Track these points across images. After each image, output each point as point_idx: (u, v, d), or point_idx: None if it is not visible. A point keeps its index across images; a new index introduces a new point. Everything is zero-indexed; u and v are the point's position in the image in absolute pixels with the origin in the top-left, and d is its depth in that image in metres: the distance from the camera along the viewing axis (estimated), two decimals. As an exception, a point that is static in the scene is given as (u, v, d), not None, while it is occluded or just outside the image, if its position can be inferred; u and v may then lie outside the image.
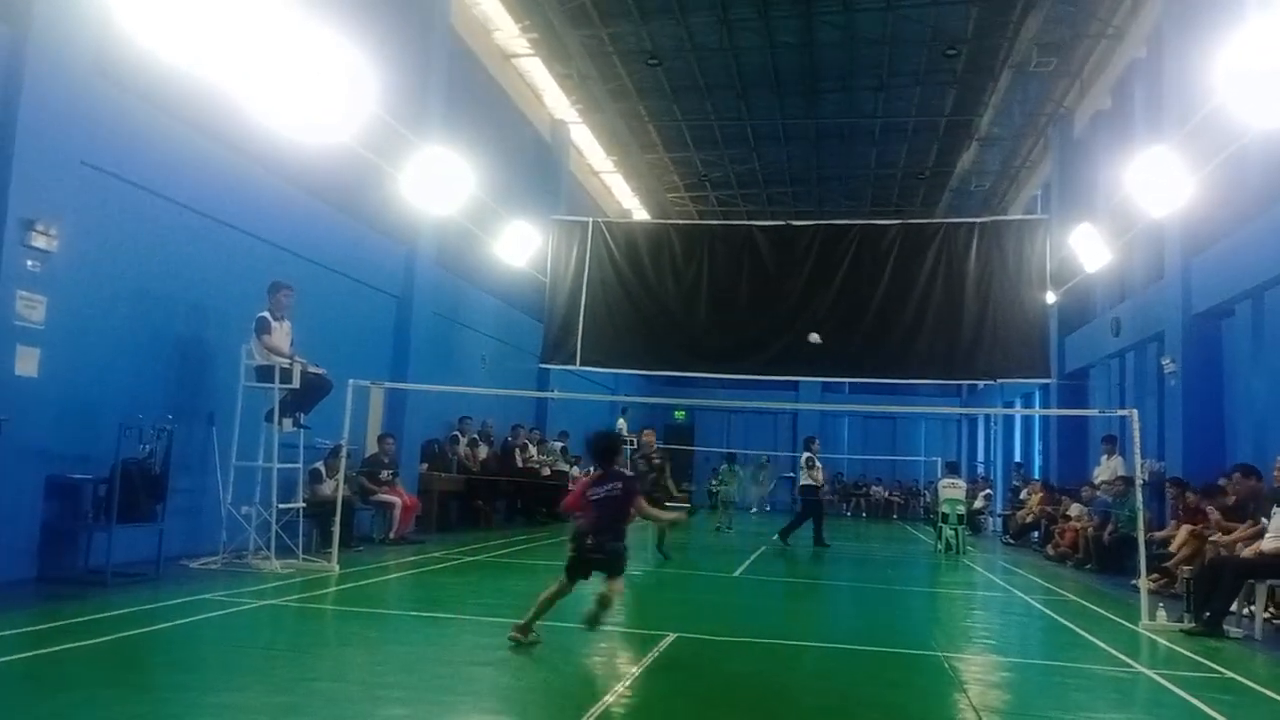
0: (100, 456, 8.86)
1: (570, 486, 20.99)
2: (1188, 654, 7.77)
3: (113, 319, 9.56)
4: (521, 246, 17.26)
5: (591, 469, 7.43)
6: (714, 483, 28.80)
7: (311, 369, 10.82)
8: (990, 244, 14.35)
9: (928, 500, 27.88)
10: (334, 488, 11.33)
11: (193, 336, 10.80)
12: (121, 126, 9.57)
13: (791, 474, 36.92)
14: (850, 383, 28.37)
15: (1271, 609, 9.48)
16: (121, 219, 9.65)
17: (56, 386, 8.67)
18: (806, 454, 17.97)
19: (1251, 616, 9.08)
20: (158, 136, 10.07)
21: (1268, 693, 6.40)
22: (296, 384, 10.49)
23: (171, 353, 10.48)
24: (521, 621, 6.68)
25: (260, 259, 11.68)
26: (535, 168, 22.67)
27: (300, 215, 12.74)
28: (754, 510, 31.38)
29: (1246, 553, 9.43)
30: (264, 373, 10.43)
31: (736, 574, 13.00)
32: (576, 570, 6.81)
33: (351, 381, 10.77)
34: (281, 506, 10.44)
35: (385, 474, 13.98)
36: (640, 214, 30.91)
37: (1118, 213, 15.42)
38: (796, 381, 28.97)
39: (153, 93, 9.87)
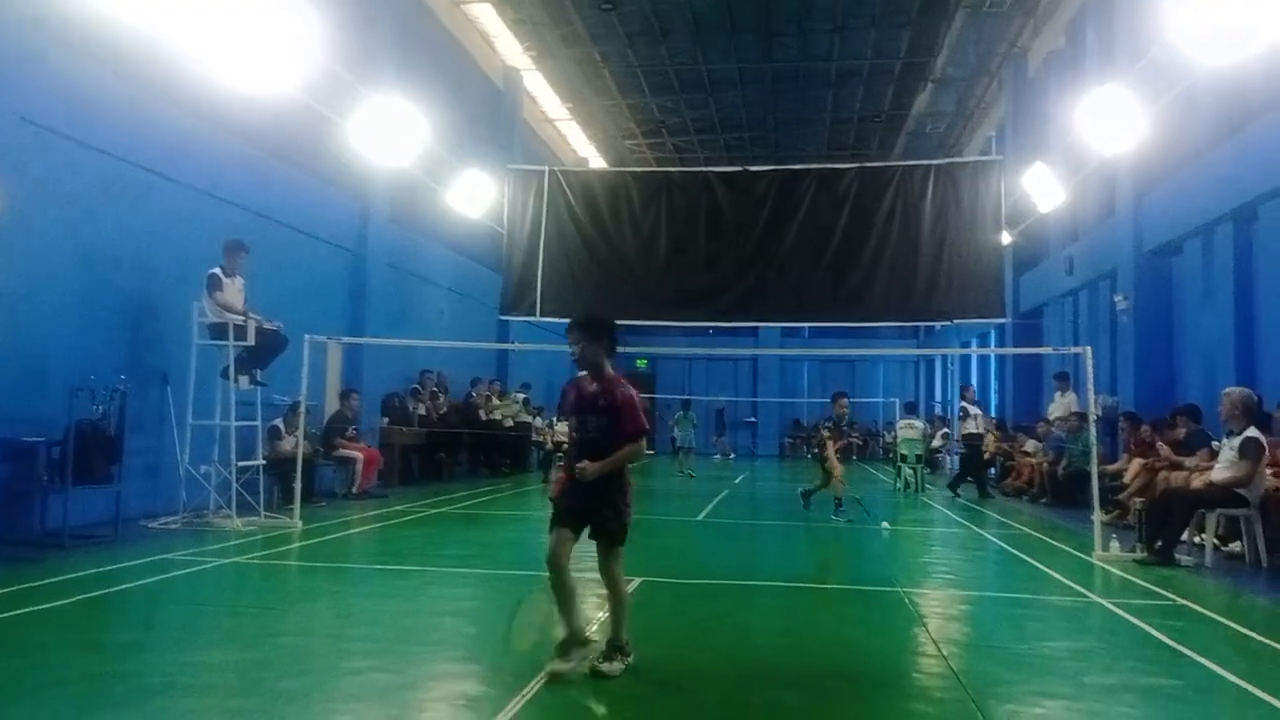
0: (53, 418, 8.71)
1: (536, 437, 21.09)
2: (1140, 582, 7.98)
3: (60, 279, 9.34)
4: (477, 197, 17.03)
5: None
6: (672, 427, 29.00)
7: (266, 324, 10.67)
8: (946, 186, 14.36)
9: (887, 441, 28.24)
10: (294, 444, 11.25)
11: (143, 295, 10.59)
12: (62, 82, 9.29)
13: (752, 419, 37.39)
14: (809, 327, 28.52)
15: (1220, 537, 9.74)
16: (65, 176, 9.40)
17: (4, 349, 8.49)
18: (963, 403, 18.26)
19: (1202, 545, 9.34)
20: (100, 92, 9.79)
21: (1217, 618, 6.60)
22: (251, 341, 10.35)
23: (122, 312, 10.28)
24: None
25: (210, 215, 11.45)
26: (489, 117, 22.33)
27: (249, 169, 12.48)
28: (730, 456, 31.66)
29: (1196, 483, 9.67)
30: (217, 330, 10.28)
31: (700, 518, 13.13)
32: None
33: (307, 337, 10.65)
34: (241, 464, 10.35)
35: (350, 430, 13.92)
36: (597, 162, 30.63)
37: (1071, 152, 15.52)
38: (756, 328, 29.08)
39: (93, 47, 9.58)
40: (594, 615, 5.82)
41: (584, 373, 5.12)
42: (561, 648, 4.79)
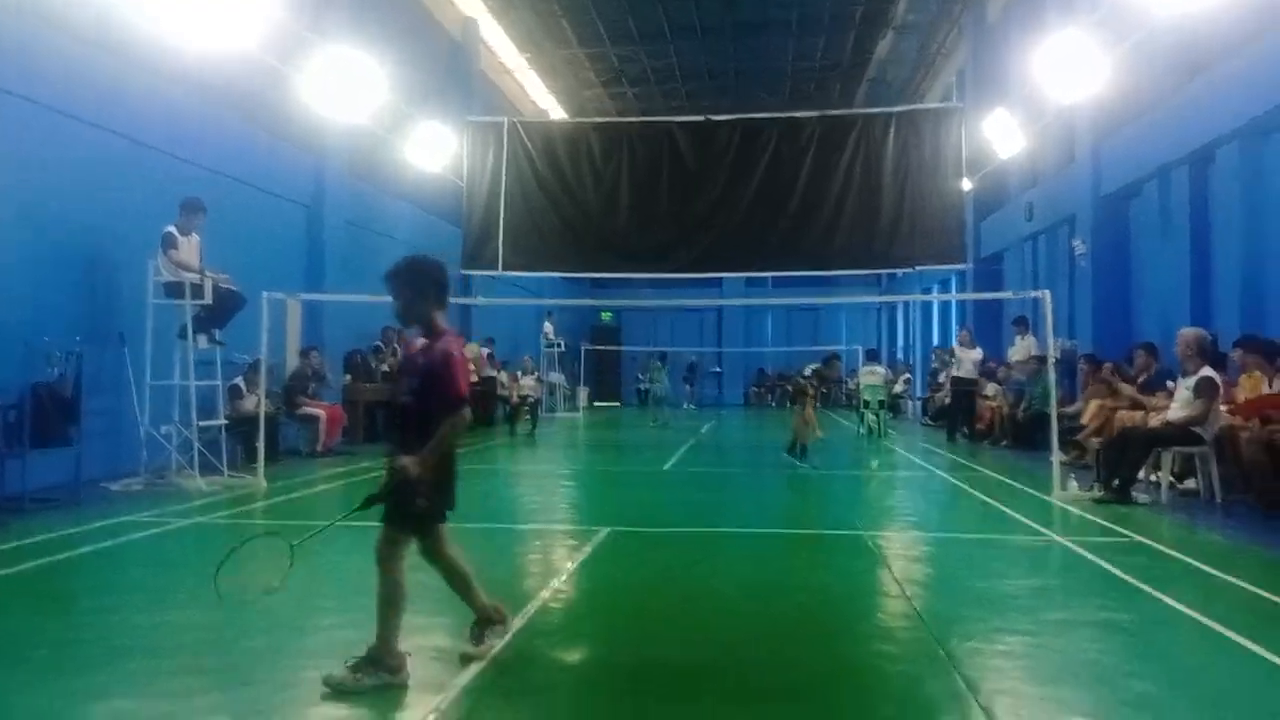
0: (7, 381, 8.55)
1: (502, 391, 21.07)
2: (1099, 521, 8.16)
3: (7, 241, 9.11)
4: (436, 151, 16.80)
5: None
6: (642, 379, 29.09)
7: (224, 283, 10.51)
8: (907, 134, 14.37)
9: (850, 388, 28.49)
10: (255, 403, 11.14)
11: (95, 255, 10.37)
12: (5, 38, 8.99)
13: (718, 368, 37.56)
14: (773, 277, 28.55)
15: (1176, 475, 9.96)
16: (10, 135, 9.14)
17: (-47, 313, 8.30)
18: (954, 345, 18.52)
19: (1158, 483, 9.55)
20: (47, 48, 9.52)
21: (1173, 553, 6.77)
22: (208, 299, 10.20)
23: (75, 272, 10.07)
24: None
25: (161, 172, 11.21)
26: (446, 69, 21.94)
27: (200, 125, 12.20)
28: (686, 406, 31.81)
29: (1153, 422, 9.86)
30: (173, 289, 10.11)
31: (667, 468, 13.22)
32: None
33: (266, 294, 10.49)
34: (202, 424, 10.25)
35: (312, 387, 13.80)
36: (557, 113, 30.26)
37: (1031, 99, 15.56)
38: (720, 278, 29.08)
39: (38, 3, 9.26)
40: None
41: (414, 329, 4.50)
42: (474, 629, 4.44)
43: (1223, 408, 9.32)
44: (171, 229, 10.12)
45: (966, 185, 15.20)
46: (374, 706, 3.80)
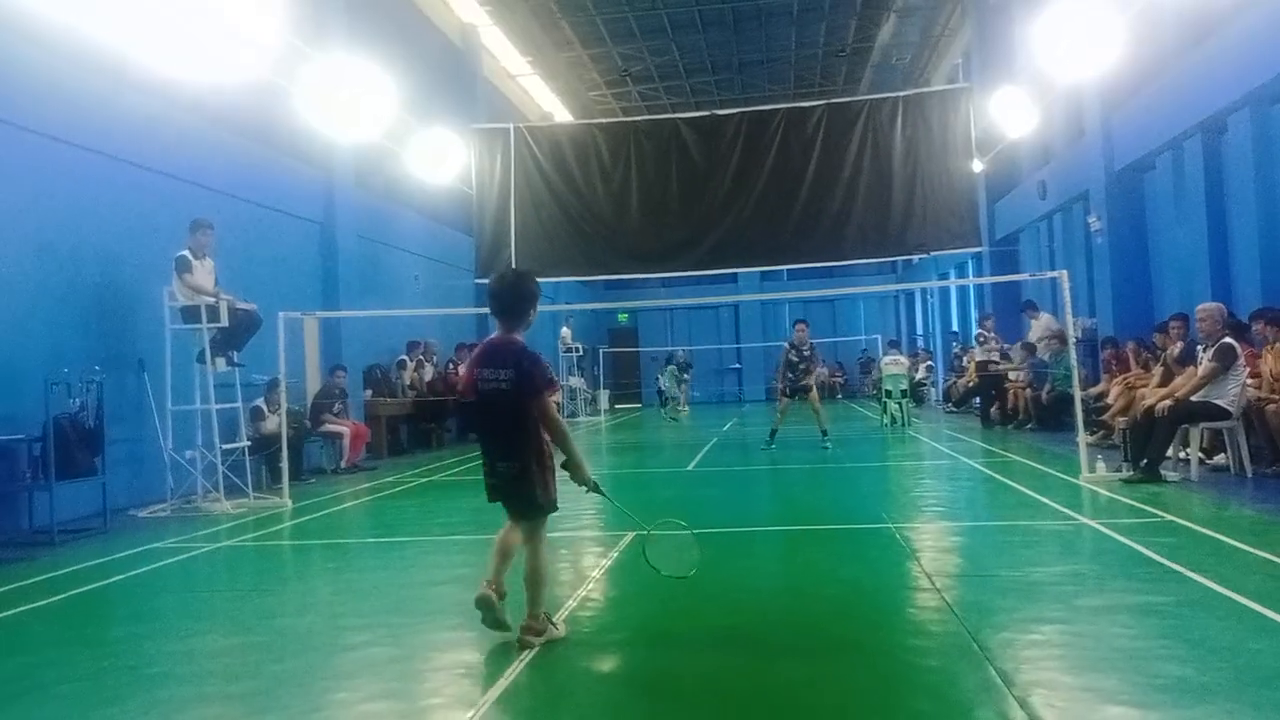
0: (29, 415, 8.61)
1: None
2: (1128, 501, 8.07)
3: (21, 273, 9.18)
4: (443, 160, 16.81)
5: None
6: (660, 379, 29.03)
7: (240, 305, 10.56)
8: (915, 117, 14.30)
9: (874, 377, 28.36)
10: (278, 423, 11.18)
11: (110, 283, 10.44)
12: (6, 70, 9.06)
13: (737, 365, 37.46)
14: (788, 270, 28.43)
15: (1205, 450, 9.84)
16: (15, 167, 9.19)
17: (-30, 349, 8.36)
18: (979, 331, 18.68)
19: (1187, 460, 9.44)
20: (52, 79, 9.56)
21: (1206, 531, 6.68)
22: (225, 322, 10.24)
23: (90, 302, 10.13)
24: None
25: (171, 197, 11.28)
26: (449, 77, 21.97)
27: (209, 148, 12.28)
28: (680, 407, 31.39)
29: (1160, 400, 9.62)
30: (190, 313, 10.16)
31: (690, 467, 13.18)
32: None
33: (282, 314, 10.54)
34: (225, 447, 10.30)
35: (336, 406, 13.87)
36: (563, 116, 30.26)
37: (1037, 75, 15.41)
38: (735, 274, 29.01)
39: (42, 33, 9.32)
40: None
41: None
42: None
43: (1248, 381, 9.20)
44: (185, 253, 10.18)
45: (978, 166, 15.09)
46: (405, 727, 3.79)
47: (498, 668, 4.33)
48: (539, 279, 5.01)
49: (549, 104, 30.03)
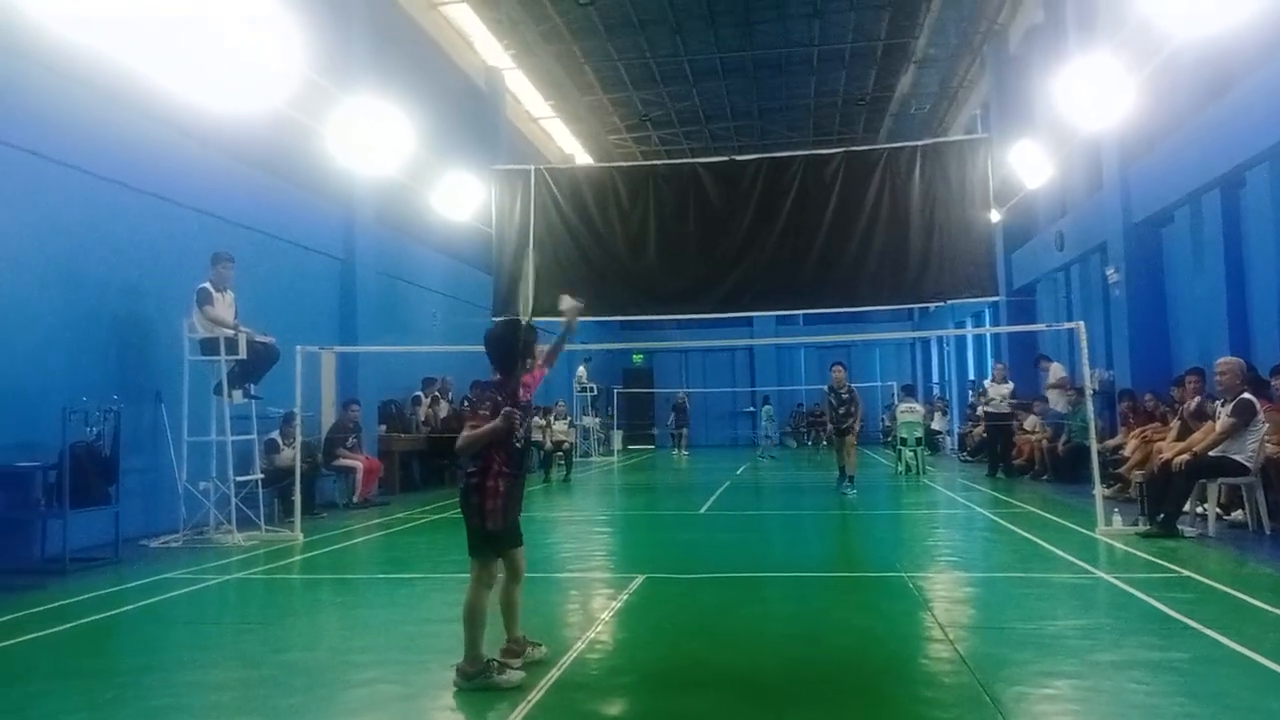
0: (46, 442, 8.65)
1: (537, 436, 21.03)
2: (1144, 556, 7.98)
3: (44, 302, 9.28)
4: (464, 200, 16.99)
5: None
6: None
7: (258, 338, 10.63)
8: (933, 166, 14.34)
9: (886, 424, 28.25)
10: (292, 456, 11.21)
11: (130, 313, 10.54)
12: (39, 103, 9.23)
13: (751, 409, 37.32)
14: (804, 314, 28.46)
15: (1223, 506, 9.73)
16: (40, 197, 9.33)
17: (-8, 375, 8.44)
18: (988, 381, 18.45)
19: (1204, 515, 9.33)
20: (77, 112, 9.73)
21: (1223, 588, 6.59)
22: (243, 354, 10.31)
23: (110, 332, 10.23)
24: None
25: (193, 230, 11.41)
26: (472, 118, 22.25)
27: (231, 182, 12.43)
28: (676, 453, 31.21)
29: (1176, 455, 9.54)
30: (209, 345, 10.24)
31: (702, 511, 13.12)
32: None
33: (299, 348, 10.61)
34: (239, 479, 10.31)
35: (351, 440, 13.90)
36: (583, 159, 30.54)
37: (1056, 127, 15.51)
38: (751, 317, 29.04)
39: (69, 67, 9.50)
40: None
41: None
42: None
43: (1267, 437, 9.11)
44: (206, 285, 10.28)
45: (995, 216, 15.13)
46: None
47: (505, 709, 4.30)
48: (554, 318, 5.22)
49: (569, 146, 30.34)
